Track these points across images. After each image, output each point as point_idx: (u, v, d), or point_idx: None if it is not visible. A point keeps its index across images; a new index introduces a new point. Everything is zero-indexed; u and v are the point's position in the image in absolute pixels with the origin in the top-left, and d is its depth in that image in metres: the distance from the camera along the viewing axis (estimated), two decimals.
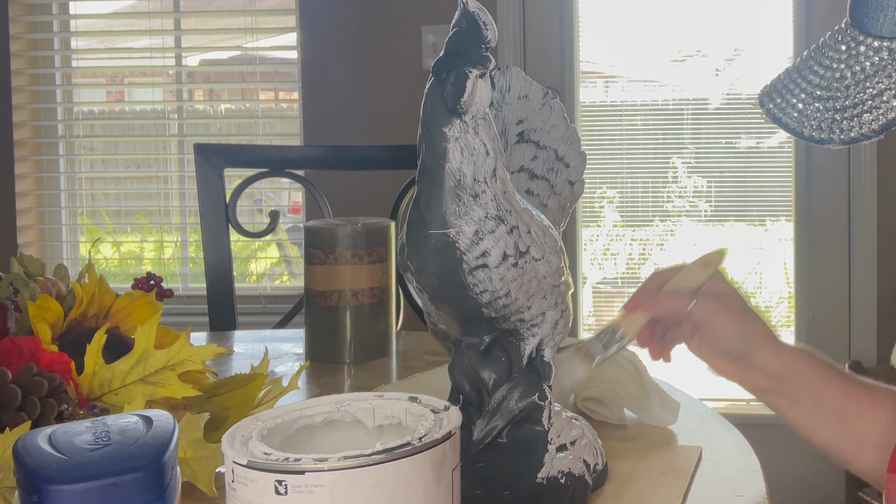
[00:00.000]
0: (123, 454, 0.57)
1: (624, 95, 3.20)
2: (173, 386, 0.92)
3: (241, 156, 2.05)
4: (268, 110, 3.42)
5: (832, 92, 0.85)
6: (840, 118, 0.85)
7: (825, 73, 0.86)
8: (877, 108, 0.84)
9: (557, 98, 0.99)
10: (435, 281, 0.80)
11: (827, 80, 0.86)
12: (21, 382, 0.86)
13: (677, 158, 3.14)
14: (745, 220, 3.16)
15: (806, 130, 0.86)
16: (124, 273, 3.54)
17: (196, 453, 0.87)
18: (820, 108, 0.86)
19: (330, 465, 0.61)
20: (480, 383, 0.85)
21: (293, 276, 3.46)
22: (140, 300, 1.11)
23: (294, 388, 0.97)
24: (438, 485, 0.65)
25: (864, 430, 1.00)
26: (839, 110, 0.85)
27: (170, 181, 3.40)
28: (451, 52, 0.77)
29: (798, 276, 3.05)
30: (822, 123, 0.85)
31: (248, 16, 3.28)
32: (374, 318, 1.43)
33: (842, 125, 0.85)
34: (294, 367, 1.40)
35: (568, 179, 0.99)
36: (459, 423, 0.69)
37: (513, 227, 0.80)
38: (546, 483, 0.84)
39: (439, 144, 0.77)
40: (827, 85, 0.86)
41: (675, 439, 1.07)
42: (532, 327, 0.84)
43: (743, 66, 3.15)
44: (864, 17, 0.84)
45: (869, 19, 0.84)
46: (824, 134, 0.86)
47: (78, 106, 3.45)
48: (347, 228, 1.40)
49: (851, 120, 0.84)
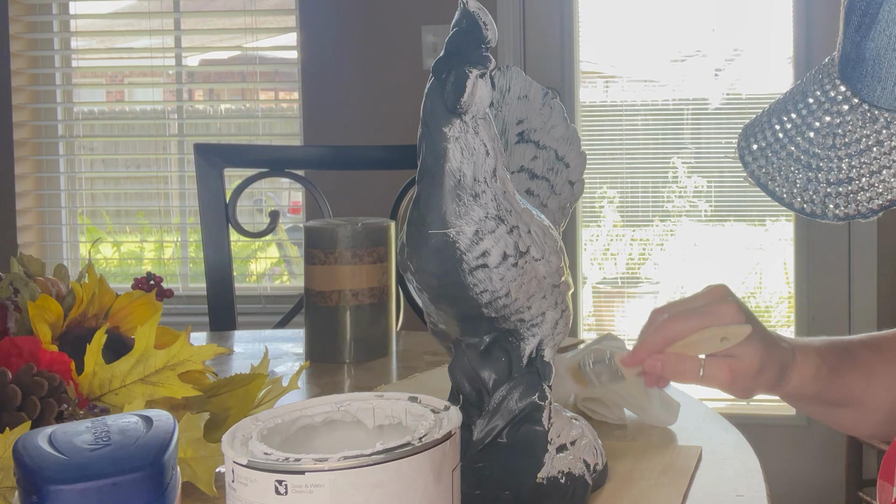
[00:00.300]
0: (123, 454, 0.57)
1: (624, 95, 3.20)
2: (173, 386, 0.92)
3: (241, 156, 2.05)
4: (268, 110, 3.42)
5: (824, 162, 0.76)
6: (834, 193, 0.75)
7: (815, 138, 0.76)
8: (874, 186, 0.75)
9: (557, 98, 0.99)
10: (435, 281, 0.80)
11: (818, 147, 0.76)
12: (21, 382, 0.86)
13: (677, 158, 3.14)
14: (745, 220, 3.16)
15: (796, 203, 0.77)
16: (124, 273, 3.54)
17: (196, 453, 0.87)
18: (811, 180, 0.76)
19: (330, 465, 0.61)
20: (480, 383, 0.85)
21: (293, 276, 3.46)
22: (140, 300, 1.11)
23: (294, 388, 0.97)
24: (438, 485, 0.65)
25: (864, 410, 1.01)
26: (833, 184, 0.76)
27: (170, 181, 3.40)
28: (451, 52, 0.77)
29: (798, 276, 3.05)
30: (815, 197, 0.76)
31: (248, 16, 3.28)
32: (374, 318, 1.43)
33: (836, 200, 0.75)
34: (294, 367, 1.40)
35: (568, 179, 0.98)
36: (459, 423, 0.69)
37: (513, 227, 0.80)
38: (546, 483, 0.84)
39: (439, 144, 0.77)
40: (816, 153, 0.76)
41: (675, 439, 1.07)
42: (532, 327, 0.84)
43: (743, 66, 3.15)
44: (859, 84, 0.74)
45: (864, 87, 0.74)
46: (817, 209, 0.76)
47: (78, 106, 3.45)
48: (347, 228, 1.40)
49: (847, 196, 0.75)
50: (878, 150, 0.74)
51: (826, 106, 0.77)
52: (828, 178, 0.76)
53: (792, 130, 0.78)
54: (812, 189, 0.76)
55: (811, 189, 0.76)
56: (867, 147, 0.75)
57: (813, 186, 0.76)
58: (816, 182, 0.76)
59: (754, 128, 0.81)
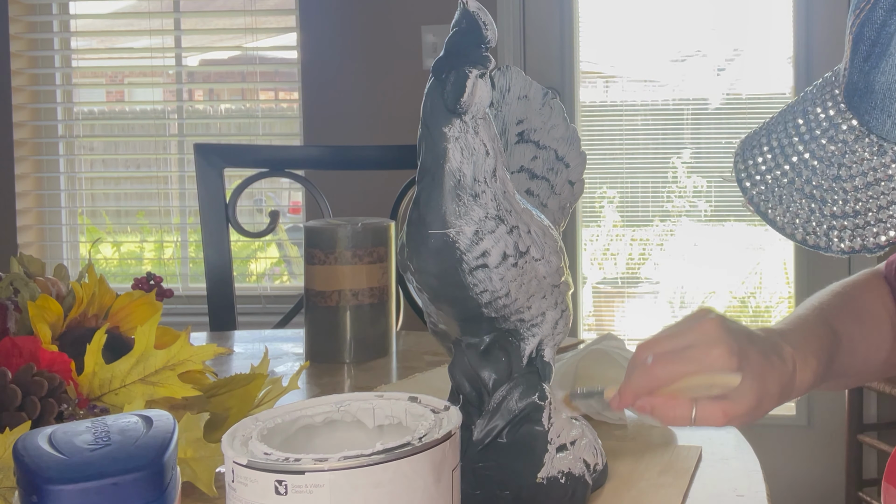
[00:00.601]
0: (123, 454, 0.57)
1: (624, 95, 3.20)
2: (173, 386, 0.92)
3: (241, 156, 2.05)
4: (268, 110, 3.42)
5: (828, 193, 0.72)
6: (839, 226, 0.71)
7: (819, 167, 0.73)
8: (881, 221, 0.71)
9: (557, 98, 0.99)
10: (435, 281, 0.80)
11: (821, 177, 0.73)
12: (21, 382, 0.86)
13: (677, 158, 3.14)
14: (745, 220, 3.16)
15: (798, 234, 0.73)
16: (124, 273, 3.55)
17: (196, 453, 0.87)
18: (815, 211, 0.72)
19: (330, 465, 0.61)
20: (480, 383, 0.85)
21: (293, 276, 3.46)
22: (140, 300, 1.11)
23: (294, 388, 0.97)
24: (438, 485, 0.65)
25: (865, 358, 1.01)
26: (838, 217, 0.71)
27: (170, 181, 3.40)
28: (451, 52, 0.77)
29: (798, 276, 3.05)
30: (818, 229, 0.72)
31: (248, 16, 3.28)
32: (374, 318, 1.43)
33: (841, 234, 0.71)
34: (294, 367, 1.40)
35: (568, 179, 0.98)
36: (459, 423, 0.69)
37: (513, 227, 0.80)
38: (546, 483, 0.84)
39: (439, 144, 0.77)
40: (820, 184, 0.72)
41: (675, 439, 1.07)
42: (532, 327, 0.84)
43: (743, 66, 3.15)
44: (867, 116, 0.71)
45: (872, 119, 0.71)
46: (821, 241, 0.72)
47: (78, 106, 3.45)
48: (347, 228, 1.40)
49: (853, 231, 0.71)
50: (887, 185, 0.71)
51: (830, 133, 0.73)
52: (833, 210, 0.72)
53: (793, 157, 0.75)
54: (815, 221, 0.73)
55: (814, 221, 0.73)
56: (875, 180, 0.71)
57: (816, 218, 0.73)
58: (820, 214, 0.72)
59: (752, 147, 0.78)
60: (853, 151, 0.72)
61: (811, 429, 3.05)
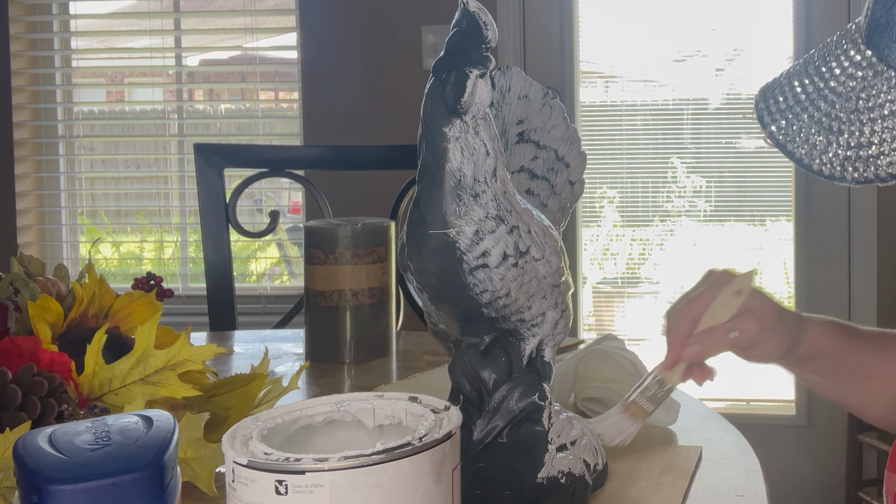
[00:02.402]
0: (123, 454, 0.57)
1: (624, 95, 3.20)
2: (173, 386, 0.92)
3: (241, 156, 2.05)
4: (268, 110, 3.42)
5: (846, 125, 0.76)
6: (854, 156, 0.75)
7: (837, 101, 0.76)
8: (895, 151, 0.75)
9: (557, 98, 0.99)
10: (435, 281, 0.80)
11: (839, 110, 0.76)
12: (21, 382, 0.86)
13: (677, 158, 3.14)
14: (745, 220, 3.16)
15: (815, 165, 0.77)
16: (124, 273, 3.55)
17: (196, 453, 0.87)
18: (832, 143, 0.76)
19: (330, 465, 0.61)
20: (480, 383, 0.85)
21: (293, 276, 3.46)
22: (140, 300, 1.11)
23: (294, 388, 0.97)
24: (438, 485, 0.65)
25: (875, 389, 1.02)
26: (853, 147, 0.75)
27: (170, 181, 3.40)
28: (452, 52, 0.77)
29: (798, 276, 3.05)
30: (835, 160, 0.76)
31: (248, 16, 3.28)
32: (374, 318, 1.43)
33: (855, 164, 0.75)
34: (294, 367, 1.40)
35: (568, 179, 0.99)
36: (459, 423, 0.69)
37: (513, 227, 0.80)
38: (546, 483, 0.84)
39: (439, 144, 0.77)
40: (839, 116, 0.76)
41: (675, 439, 1.07)
42: (532, 327, 0.84)
43: (743, 66, 3.15)
44: (887, 49, 0.74)
45: (892, 52, 0.74)
46: (836, 171, 0.76)
47: (78, 106, 3.45)
48: (347, 228, 1.40)
49: (867, 160, 0.75)
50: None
51: (850, 70, 0.77)
52: (849, 141, 0.76)
53: (814, 93, 0.78)
54: (832, 152, 0.76)
55: (831, 152, 0.76)
56: (891, 112, 0.75)
57: (833, 149, 0.76)
58: (837, 145, 0.76)
59: (773, 89, 0.81)
60: (871, 86, 0.75)
61: (811, 429, 3.05)
